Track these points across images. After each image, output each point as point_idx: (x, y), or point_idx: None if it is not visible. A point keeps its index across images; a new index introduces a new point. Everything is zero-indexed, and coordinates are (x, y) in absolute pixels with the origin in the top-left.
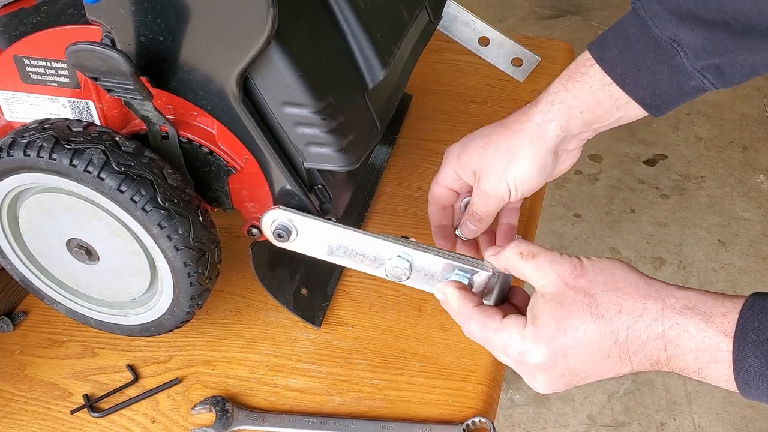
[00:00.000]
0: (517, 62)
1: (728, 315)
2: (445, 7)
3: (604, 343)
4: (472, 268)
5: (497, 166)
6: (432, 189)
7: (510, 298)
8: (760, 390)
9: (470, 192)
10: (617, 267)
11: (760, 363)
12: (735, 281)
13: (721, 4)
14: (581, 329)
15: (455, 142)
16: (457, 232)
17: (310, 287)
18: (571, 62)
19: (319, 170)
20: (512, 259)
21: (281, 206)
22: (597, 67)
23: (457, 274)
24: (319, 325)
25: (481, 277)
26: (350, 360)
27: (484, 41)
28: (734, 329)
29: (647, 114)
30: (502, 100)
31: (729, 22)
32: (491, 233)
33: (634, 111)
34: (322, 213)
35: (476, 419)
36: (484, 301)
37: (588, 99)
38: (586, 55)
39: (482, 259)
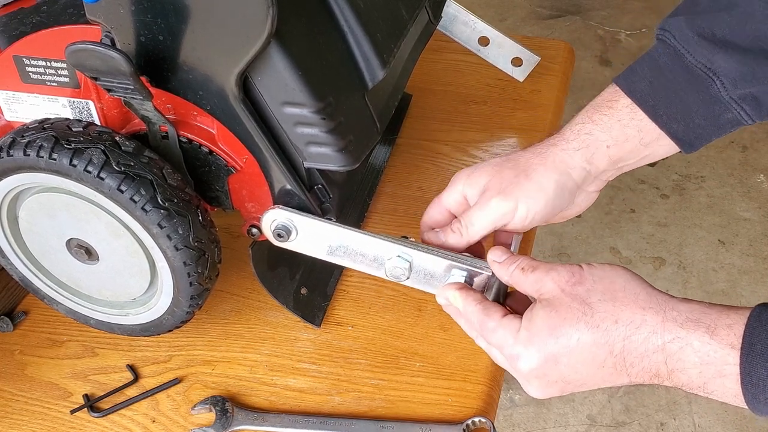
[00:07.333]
0: (517, 62)
1: (734, 327)
2: (445, 7)
3: (599, 353)
4: (472, 268)
5: (510, 181)
6: (429, 209)
7: (510, 302)
8: None
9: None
10: (618, 275)
11: None
12: (735, 281)
13: (759, 32)
14: (574, 337)
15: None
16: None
17: (310, 287)
18: (598, 95)
19: (318, 170)
20: (515, 274)
21: (281, 206)
22: (626, 99)
23: (456, 274)
24: (319, 325)
25: (480, 278)
26: (350, 360)
27: (484, 41)
28: (741, 341)
29: (677, 150)
30: (502, 100)
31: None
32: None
33: (663, 148)
34: (321, 213)
35: (476, 419)
36: None
37: (616, 133)
38: (613, 88)
39: (482, 259)
